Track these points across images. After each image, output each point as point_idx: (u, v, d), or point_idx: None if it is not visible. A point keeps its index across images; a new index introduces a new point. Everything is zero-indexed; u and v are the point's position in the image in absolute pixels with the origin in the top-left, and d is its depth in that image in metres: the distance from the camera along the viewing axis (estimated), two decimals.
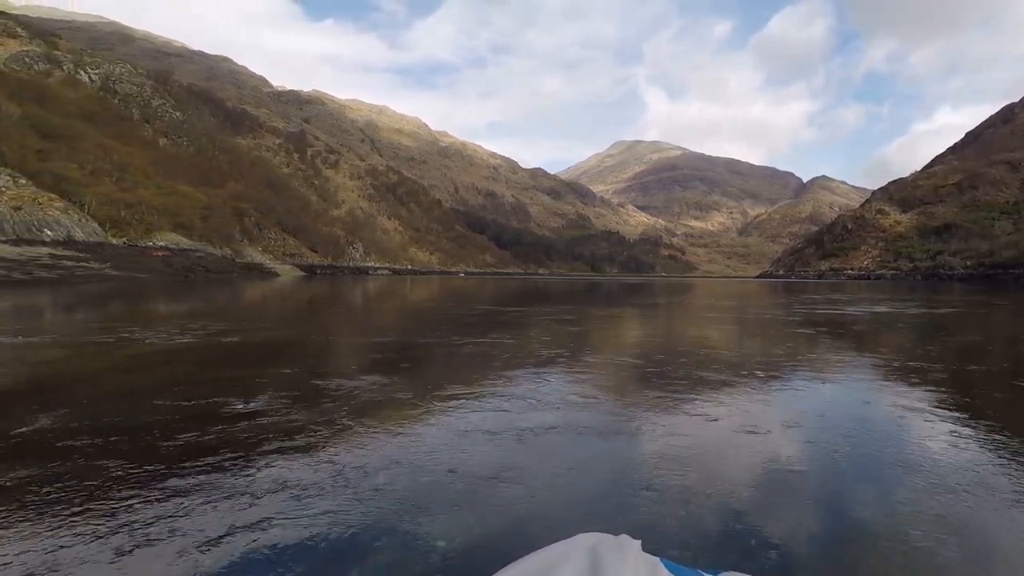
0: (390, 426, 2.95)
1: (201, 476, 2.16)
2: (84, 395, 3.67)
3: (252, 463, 2.32)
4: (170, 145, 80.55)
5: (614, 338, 8.00)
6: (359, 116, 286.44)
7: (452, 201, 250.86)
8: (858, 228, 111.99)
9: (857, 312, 13.56)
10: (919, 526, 1.83)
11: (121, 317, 10.20)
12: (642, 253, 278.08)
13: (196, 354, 5.53)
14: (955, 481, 2.23)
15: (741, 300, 20.54)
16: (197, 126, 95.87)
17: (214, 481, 2.11)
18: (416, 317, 11.70)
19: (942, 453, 2.60)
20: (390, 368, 4.84)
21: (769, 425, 3.07)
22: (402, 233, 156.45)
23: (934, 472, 2.34)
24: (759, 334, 8.62)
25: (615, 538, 0.98)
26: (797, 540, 1.74)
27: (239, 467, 2.27)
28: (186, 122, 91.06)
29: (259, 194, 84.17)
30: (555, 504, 1.99)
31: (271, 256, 72.49)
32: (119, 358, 5.24)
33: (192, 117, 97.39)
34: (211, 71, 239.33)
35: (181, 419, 2.97)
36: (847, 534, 1.79)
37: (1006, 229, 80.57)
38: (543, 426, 2.99)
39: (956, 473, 2.33)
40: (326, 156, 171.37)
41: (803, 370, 4.97)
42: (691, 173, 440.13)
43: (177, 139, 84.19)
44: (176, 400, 3.41)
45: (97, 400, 3.49)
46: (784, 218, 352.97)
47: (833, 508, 2.00)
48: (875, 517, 1.90)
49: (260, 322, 9.53)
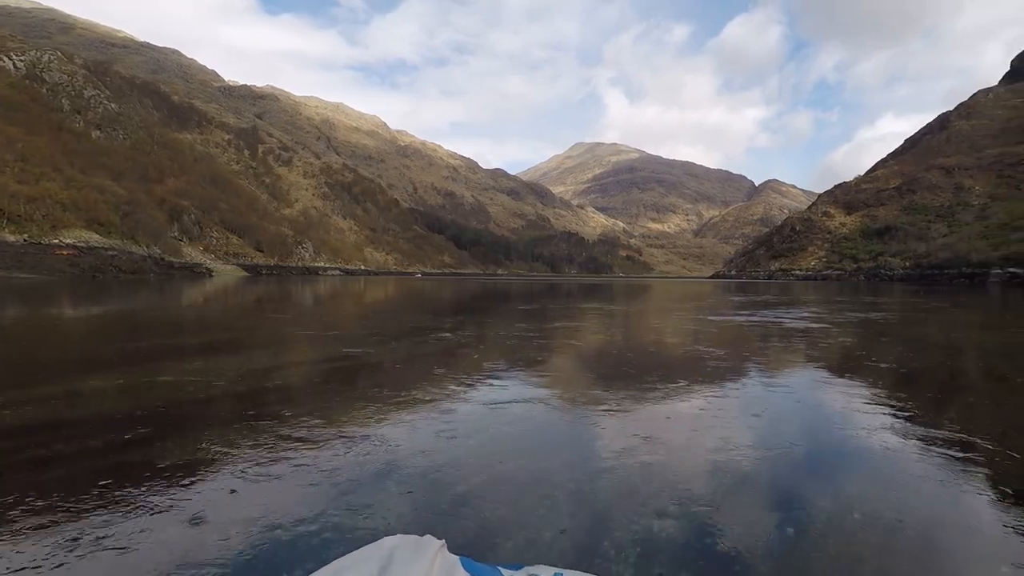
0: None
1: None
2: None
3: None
4: (104, 138, 76.01)
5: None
6: (315, 114, 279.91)
7: (411, 201, 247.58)
8: (806, 230, 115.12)
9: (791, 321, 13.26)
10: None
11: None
12: (601, 254, 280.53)
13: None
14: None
15: (700, 301, 20.21)
16: (135, 119, 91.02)
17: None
18: (349, 325, 10.73)
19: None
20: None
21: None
22: (357, 233, 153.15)
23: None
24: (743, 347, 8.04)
25: (416, 539, 0.99)
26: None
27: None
28: (122, 114, 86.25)
29: (201, 191, 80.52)
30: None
31: (213, 256, 69.46)
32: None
33: (130, 109, 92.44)
34: (158, 64, 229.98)
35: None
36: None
37: (941, 231, 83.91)
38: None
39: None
40: (279, 153, 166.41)
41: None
42: (649, 175, 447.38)
43: (112, 132, 79.53)
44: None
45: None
46: (737, 220, 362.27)
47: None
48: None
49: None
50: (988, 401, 3.86)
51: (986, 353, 6.56)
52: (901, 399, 3.69)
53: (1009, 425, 3.05)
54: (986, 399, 3.93)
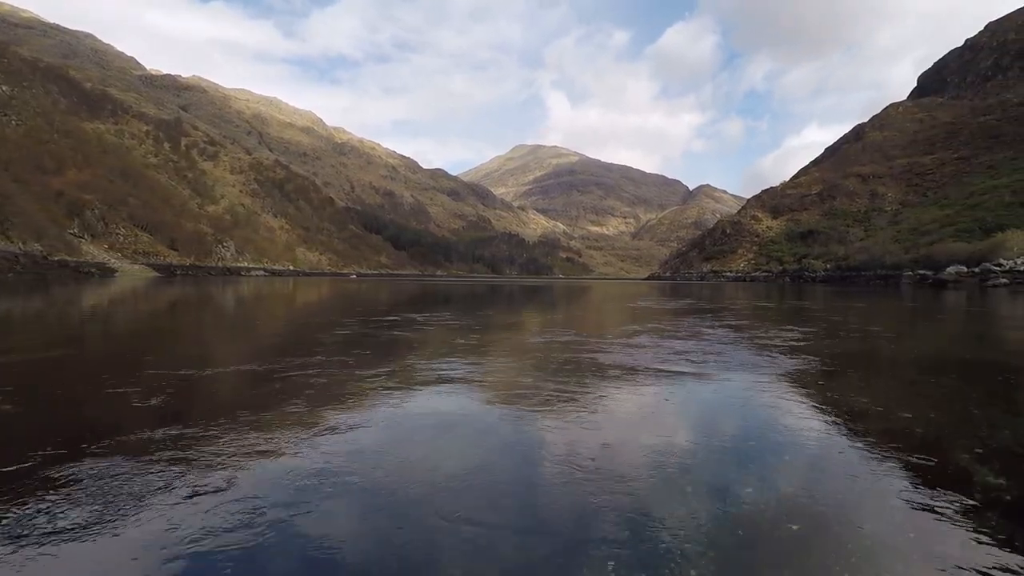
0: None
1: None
2: None
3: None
4: None
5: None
6: (246, 107, 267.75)
7: (348, 200, 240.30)
8: (735, 233, 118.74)
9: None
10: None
11: None
12: (541, 255, 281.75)
13: None
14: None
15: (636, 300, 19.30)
16: (32, 104, 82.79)
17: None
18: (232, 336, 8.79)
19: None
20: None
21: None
22: (289, 232, 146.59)
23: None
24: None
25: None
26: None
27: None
28: (15, 98, 78.22)
29: (108, 184, 73.75)
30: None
31: (119, 254, 63.84)
32: None
33: (26, 93, 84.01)
34: (70, 48, 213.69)
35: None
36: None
37: (859, 235, 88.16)
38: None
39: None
40: (204, 148, 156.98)
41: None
42: (589, 178, 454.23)
43: (3, 117, 71.78)
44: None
45: None
46: (672, 223, 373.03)
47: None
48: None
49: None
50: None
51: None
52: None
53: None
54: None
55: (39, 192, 58.02)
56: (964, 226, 62.63)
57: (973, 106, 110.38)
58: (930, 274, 46.77)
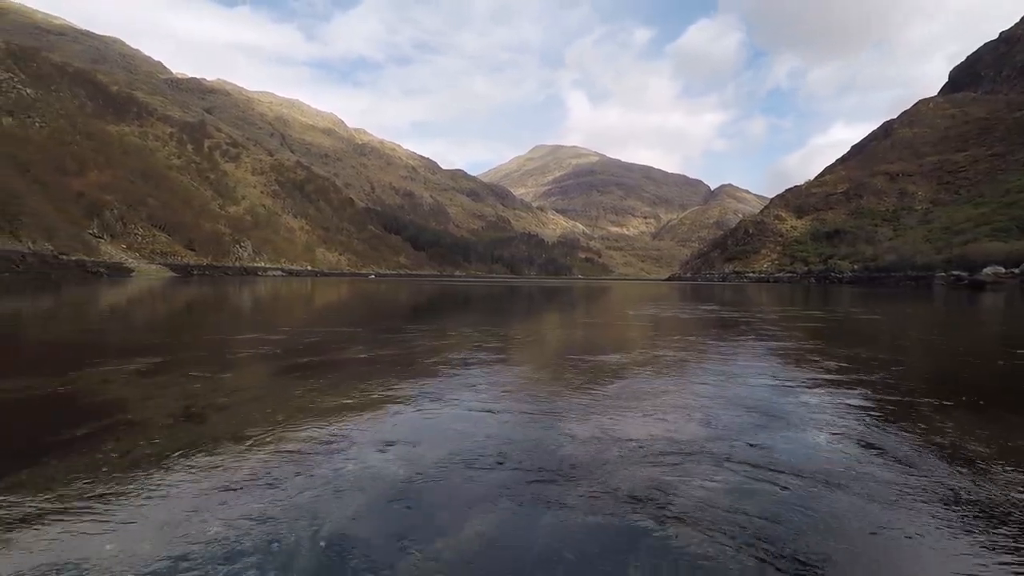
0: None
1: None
2: None
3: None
4: (15, 125, 69.61)
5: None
6: (269, 110, 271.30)
7: (368, 201, 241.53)
8: (758, 233, 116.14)
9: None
10: None
11: None
12: (560, 256, 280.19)
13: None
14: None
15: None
16: (56, 107, 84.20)
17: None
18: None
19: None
20: None
21: None
22: (309, 232, 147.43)
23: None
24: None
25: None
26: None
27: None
28: (40, 101, 79.58)
29: (128, 186, 74.53)
30: None
31: (137, 254, 64.36)
32: None
33: (51, 97, 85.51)
34: (99, 53, 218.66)
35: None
36: None
37: (887, 235, 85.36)
38: None
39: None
40: (227, 149, 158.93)
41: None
42: (609, 178, 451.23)
43: (27, 119, 73.05)
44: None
45: None
46: (694, 223, 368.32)
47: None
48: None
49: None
50: None
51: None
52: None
53: None
54: None
55: (59, 193, 58.69)
56: (1000, 225, 60.01)
57: (1009, 100, 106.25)
58: (965, 275, 44.64)
